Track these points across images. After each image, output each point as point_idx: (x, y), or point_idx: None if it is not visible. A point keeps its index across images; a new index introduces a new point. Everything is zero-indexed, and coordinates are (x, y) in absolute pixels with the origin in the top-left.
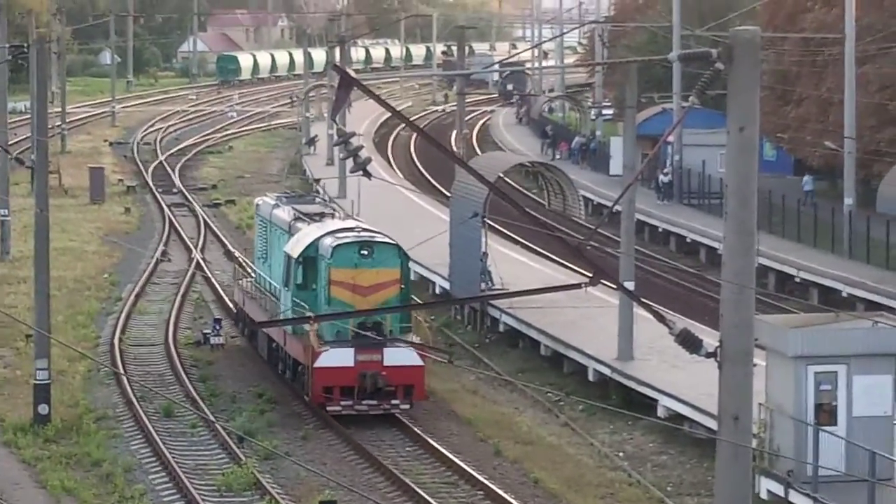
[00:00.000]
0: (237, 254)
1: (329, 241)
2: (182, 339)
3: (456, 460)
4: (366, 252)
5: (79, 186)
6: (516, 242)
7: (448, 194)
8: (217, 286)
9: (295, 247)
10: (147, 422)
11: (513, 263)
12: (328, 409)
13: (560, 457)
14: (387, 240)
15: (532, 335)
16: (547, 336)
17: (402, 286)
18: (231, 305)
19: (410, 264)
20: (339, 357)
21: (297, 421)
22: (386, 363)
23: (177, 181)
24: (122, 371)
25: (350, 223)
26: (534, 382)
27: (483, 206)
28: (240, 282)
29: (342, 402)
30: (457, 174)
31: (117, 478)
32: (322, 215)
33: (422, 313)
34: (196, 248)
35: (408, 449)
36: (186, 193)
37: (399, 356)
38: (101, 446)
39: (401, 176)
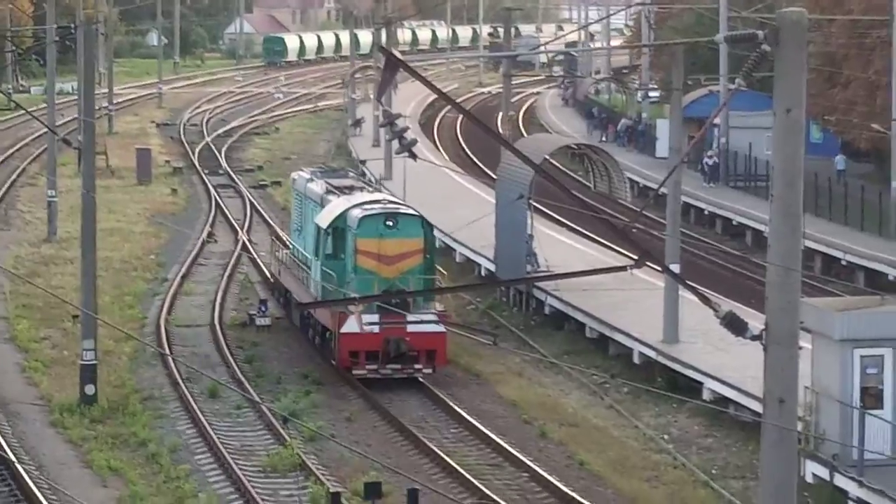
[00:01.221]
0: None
1: (356, 213)
2: (228, 320)
3: (501, 442)
4: (390, 223)
5: (125, 167)
6: (562, 224)
7: (494, 176)
8: (263, 267)
9: (324, 218)
10: (193, 402)
11: (558, 245)
12: (354, 372)
13: (605, 439)
14: (410, 211)
15: (577, 317)
16: (592, 318)
17: (427, 255)
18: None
19: (460, 249)
20: (366, 325)
21: (341, 402)
22: (409, 329)
23: (223, 162)
24: (168, 352)
25: (377, 196)
26: (579, 365)
27: (529, 187)
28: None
29: (367, 367)
30: (502, 156)
31: (163, 458)
32: (352, 188)
33: (445, 280)
34: (242, 229)
35: (452, 430)
36: (233, 175)
37: (422, 323)
38: (147, 426)
39: (447, 158)
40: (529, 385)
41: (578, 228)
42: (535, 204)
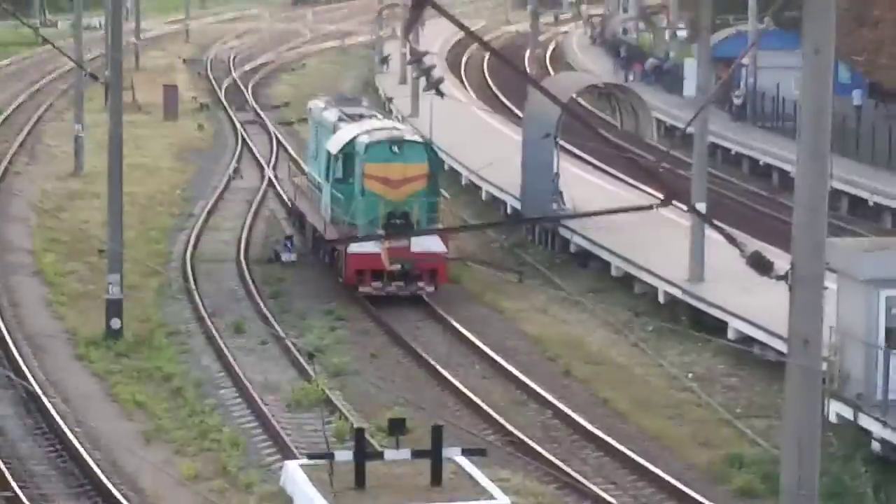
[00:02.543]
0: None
1: (364, 139)
2: (253, 255)
3: (525, 379)
4: (396, 149)
5: (152, 103)
6: (588, 163)
7: (520, 114)
8: (288, 203)
9: (335, 144)
10: (218, 337)
11: (584, 184)
12: (360, 289)
13: (629, 377)
14: (415, 138)
15: (603, 256)
16: (618, 257)
17: (431, 179)
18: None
19: (486, 186)
20: (370, 244)
21: (366, 338)
22: (413, 249)
23: (250, 99)
24: (193, 287)
25: (386, 123)
26: (604, 303)
27: (555, 126)
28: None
29: (373, 284)
30: (529, 94)
31: (188, 392)
32: (362, 116)
33: (448, 204)
34: (268, 165)
35: (476, 367)
36: (259, 111)
37: (424, 244)
38: (172, 361)
39: (473, 95)
40: (554, 323)
41: (605, 167)
42: (561, 142)
